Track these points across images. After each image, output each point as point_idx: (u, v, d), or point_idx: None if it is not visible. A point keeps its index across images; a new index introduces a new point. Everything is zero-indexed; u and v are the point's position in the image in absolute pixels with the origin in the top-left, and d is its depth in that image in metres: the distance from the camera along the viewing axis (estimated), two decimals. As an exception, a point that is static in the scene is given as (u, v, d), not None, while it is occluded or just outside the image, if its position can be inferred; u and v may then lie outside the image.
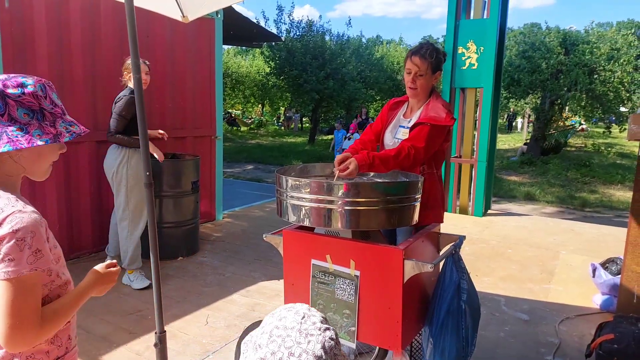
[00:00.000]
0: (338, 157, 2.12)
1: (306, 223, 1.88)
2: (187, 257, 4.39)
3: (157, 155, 3.82)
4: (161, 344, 2.17)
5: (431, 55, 2.24)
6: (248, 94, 26.84)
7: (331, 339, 0.84)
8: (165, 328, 2.17)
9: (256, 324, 2.08)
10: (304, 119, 28.49)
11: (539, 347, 2.89)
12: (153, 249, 2.14)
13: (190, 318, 3.19)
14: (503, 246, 5.02)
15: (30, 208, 1.09)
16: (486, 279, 4.01)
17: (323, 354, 0.81)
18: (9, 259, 1.01)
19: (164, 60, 4.89)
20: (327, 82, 17.46)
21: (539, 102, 15.37)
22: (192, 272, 4.04)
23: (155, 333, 2.18)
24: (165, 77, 4.92)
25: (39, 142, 1.07)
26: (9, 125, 1.06)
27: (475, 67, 6.17)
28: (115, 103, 3.56)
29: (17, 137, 1.05)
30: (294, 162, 12.92)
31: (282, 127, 29.02)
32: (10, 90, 1.06)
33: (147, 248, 2.21)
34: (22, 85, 1.08)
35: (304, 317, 0.85)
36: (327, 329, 0.86)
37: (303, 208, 1.86)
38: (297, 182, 1.87)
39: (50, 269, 1.13)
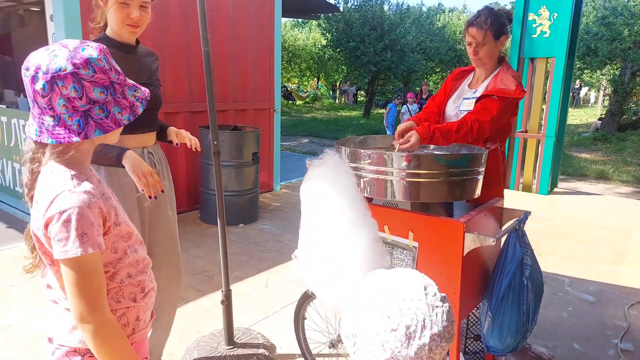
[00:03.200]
0: (400, 127, 2.09)
1: (366, 194, 1.91)
2: (247, 224, 4.58)
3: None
4: (227, 302, 2.32)
5: (487, 22, 2.10)
6: (304, 67, 26.86)
7: (449, 308, 0.90)
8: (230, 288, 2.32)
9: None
10: (359, 92, 28.13)
11: (605, 330, 2.78)
12: (220, 214, 2.26)
13: (251, 280, 3.36)
14: (569, 226, 4.79)
15: (82, 187, 1.03)
16: (550, 258, 3.87)
17: (448, 323, 0.87)
18: (58, 240, 1.00)
19: (227, 34, 5.00)
20: (385, 54, 17.06)
21: (617, 73, 14.15)
22: (253, 238, 4.23)
23: (222, 291, 2.33)
24: (227, 51, 5.04)
25: (124, 121, 1.04)
26: (90, 108, 1.01)
27: (547, 35, 5.79)
28: None
29: (102, 119, 1.02)
30: (349, 136, 12.84)
31: (336, 100, 28.86)
32: (82, 71, 1.00)
33: (210, 216, 2.35)
34: (90, 63, 1.01)
35: (425, 288, 0.91)
36: (444, 298, 0.92)
37: (363, 179, 1.88)
38: (358, 153, 1.89)
39: (111, 247, 1.12)
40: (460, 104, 2.29)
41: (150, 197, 1.70)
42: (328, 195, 1.48)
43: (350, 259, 1.28)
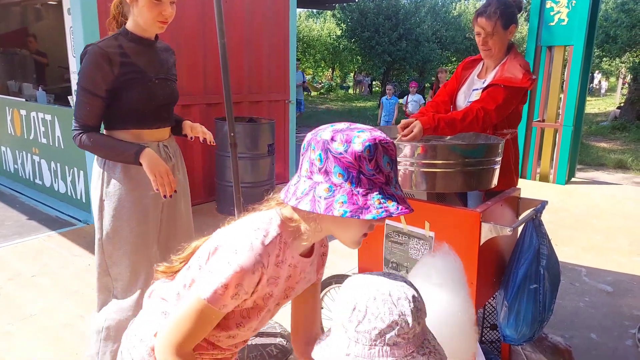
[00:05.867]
0: (403, 121, 2.09)
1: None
2: (263, 215, 4.62)
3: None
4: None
5: (496, 13, 2.08)
6: (318, 58, 26.76)
7: (417, 291, 0.91)
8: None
9: (335, 277, 2.19)
10: (374, 83, 27.95)
11: (622, 320, 2.76)
12: (237, 206, 2.30)
13: (267, 271, 3.40)
14: (587, 215, 4.73)
15: (267, 250, 0.97)
16: (566, 249, 3.84)
17: (418, 295, 0.89)
18: (209, 272, 1.00)
19: (241, 26, 5.02)
20: (400, 44, 16.91)
21: (637, 60, 13.80)
22: (268, 229, 4.26)
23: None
24: (242, 42, 5.06)
25: (336, 213, 0.89)
26: (322, 182, 0.92)
27: (565, 23, 5.68)
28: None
29: (320, 198, 0.91)
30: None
31: (349, 90, 28.70)
32: (335, 146, 0.91)
33: (226, 208, 2.38)
34: (349, 142, 0.90)
35: (390, 275, 0.93)
36: (412, 285, 0.92)
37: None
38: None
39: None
40: (470, 95, 2.28)
41: (165, 196, 1.71)
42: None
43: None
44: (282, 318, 2.68)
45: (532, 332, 1.89)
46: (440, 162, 1.79)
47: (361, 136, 0.91)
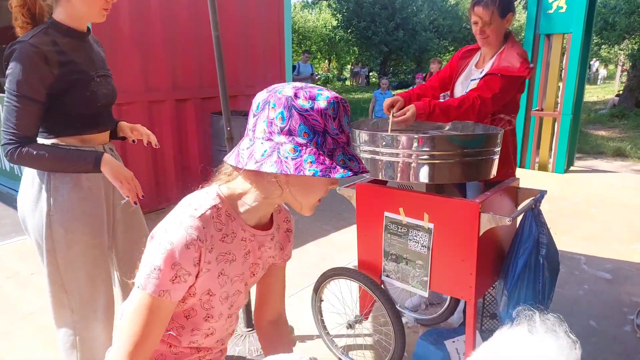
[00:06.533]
0: (387, 100, 2.07)
1: (380, 176, 1.91)
2: (262, 209, 4.61)
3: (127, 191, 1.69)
4: (245, 286, 2.35)
5: (494, 1, 2.06)
6: (314, 49, 26.61)
7: None
8: (248, 272, 2.35)
9: (334, 270, 2.19)
10: (370, 74, 27.84)
11: (622, 307, 2.77)
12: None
13: (267, 265, 3.40)
14: (586, 204, 4.73)
15: (202, 222, 0.93)
16: (566, 238, 3.84)
17: None
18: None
19: (235, 17, 4.97)
20: (397, 33, 16.84)
21: (636, 47, 13.75)
22: (267, 223, 4.26)
23: (239, 276, 2.36)
24: (236, 35, 5.02)
25: (307, 172, 0.87)
26: (285, 143, 0.89)
27: (563, 11, 5.64)
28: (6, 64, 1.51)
29: (286, 158, 0.88)
30: (362, 118, 12.73)
31: (347, 82, 28.59)
32: (300, 102, 0.88)
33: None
34: (313, 99, 0.89)
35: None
36: None
37: (377, 161, 1.88)
38: (371, 136, 1.88)
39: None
40: (468, 86, 2.26)
41: (135, 202, 1.56)
42: None
43: None
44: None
45: (532, 321, 1.89)
46: (439, 153, 1.78)
47: (323, 94, 0.90)
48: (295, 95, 0.89)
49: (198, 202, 0.97)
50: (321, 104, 0.88)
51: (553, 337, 0.73)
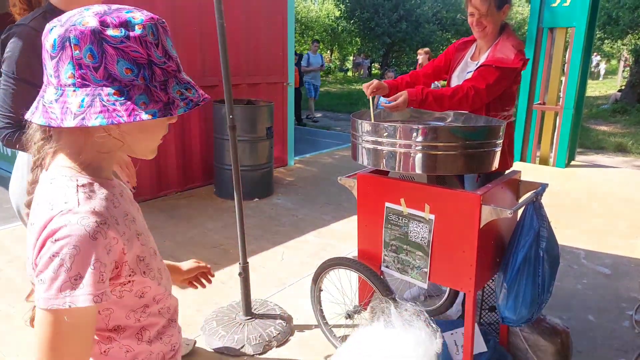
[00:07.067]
0: (367, 84, 2.06)
1: (382, 167, 1.91)
2: (262, 198, 4.62)
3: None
4: (244, 274, 2.37)
5: None
6: (317, 39, 26.42)
7: None
8: (248, 260, 2.36)
9: (334, 260, 2.19)
10: (373, 65, 27.69)
11: (620, 302, 2.78)
12: (237, 189, 2.29)
13: (267, 254, 3.41)
14: (587, 199, 4.73)
15: (88, 206, 0.74)
16: (566, 232, 3.85)
17: None
18: (41, 280, 0.70)
19: (239, 6, 4.94)
20: (400, 25, 16.72)
21: (639, 43, 13.67)
22: (268, 212, 4.27)
23: (239, 264, 2.38)
24: (239, 23, 4.98)
25: (144, 116, 0.73)
26: (105, 86, 0.72)
27: (567, 4, 5.59)
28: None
29: (114, 104, 0.72)
30: (364, 109, 12.66)
31: (348, 73, 28.43)
32: (110, 32, 0.72)
33: (224, 191, 2.37)
34: (126, 25, 0.73)
35: None
36: None
37: (379, 152, 1.88)
38: (374, 126, 1.88)
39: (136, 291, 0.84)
40: (464, 78, 2.25)
41: (134, 187, 1.49)
42: None
43: None
44: (282, 300, 2.69)
45: (531, 313, 1.90)
46: (441, 144, 1.77)
47: (135, 17, 0.74)
48: (102, 24, 0.71)
49: (60, 195, 0.76)
50: (137, 30, 0.73)
51: (410, 330, 0.70)
